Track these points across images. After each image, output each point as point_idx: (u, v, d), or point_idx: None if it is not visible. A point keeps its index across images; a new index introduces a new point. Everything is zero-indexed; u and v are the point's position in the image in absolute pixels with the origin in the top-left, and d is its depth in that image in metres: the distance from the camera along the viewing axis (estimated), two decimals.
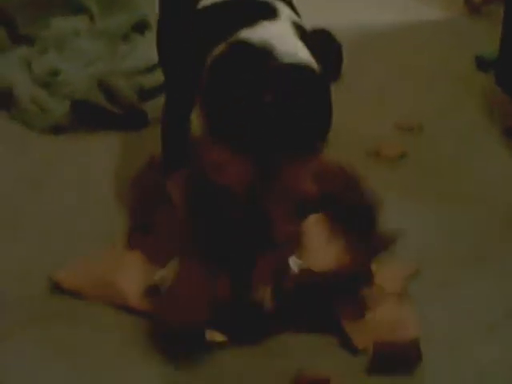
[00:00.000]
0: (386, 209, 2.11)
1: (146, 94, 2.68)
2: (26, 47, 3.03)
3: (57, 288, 1.81)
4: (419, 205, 2.15)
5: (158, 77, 2.65)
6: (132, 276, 1.80)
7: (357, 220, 1.80)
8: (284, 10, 1.71)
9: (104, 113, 2.60)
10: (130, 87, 2.65)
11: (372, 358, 1.60)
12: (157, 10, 3.04)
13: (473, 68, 3.05)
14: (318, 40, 2.91)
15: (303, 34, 1.69)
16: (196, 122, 1.64)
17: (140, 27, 3.09)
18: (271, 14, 1.67)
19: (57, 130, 2.58)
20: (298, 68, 1.60)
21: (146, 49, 2.83)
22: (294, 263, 1.83)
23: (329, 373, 1.58)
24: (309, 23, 2.89)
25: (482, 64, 3.03)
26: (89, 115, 2.61)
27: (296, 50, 1.61)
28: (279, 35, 1.62)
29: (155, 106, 2.59)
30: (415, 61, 3.17)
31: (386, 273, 1.80)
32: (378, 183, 2.22)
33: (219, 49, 1.61)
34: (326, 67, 2.45)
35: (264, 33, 1.61)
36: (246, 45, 1.59)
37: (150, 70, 2.75)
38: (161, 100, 2.55)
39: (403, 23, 3.62)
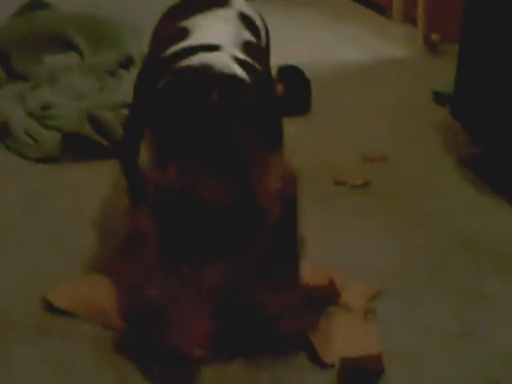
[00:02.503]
0: (351, 232, 2.14)
1: None
2: (21, 83, 3.04)
3: (49, 308, 1.80)
4: (382, 228, 2.16)
5: None
6: (116, 299, 1.79)
7: None
8: (227, 48, 1.76)
9: (92, 144, 2.61)
10: (116, 119, 2.64)
11: (339, 372, 1.59)
12: (141, 48, 3.08)
13: (431, 102, 3.09)
14: (288, 75, 2.96)
15: (243, 64, 1.73)
16: (144, 152, 1.66)
17: (125, 63, 3.10)
18: (212, 49, 1.73)
19: (49, 159, 2.59)
20: (234, 77, 1.65)
21: (131, 83, 2.85)
22: None
23: None
24: (282, 60, 2.93)
25: (439, 98, 3.07)
26: (78, 146, 2.61)
27: (230, 66, 1.67)
28: (215, 58, 1.68)
29: None
30: (379, 96, 3.20)
31: (351, 293, 1.80)
32: (345, 208, 2.26)
33: (162, 81, 1.67)
34: (294, 100, 2.46)
35: (201, 58, 1.68)
36: (184, 68, 1.66)
37: None
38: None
39: (368, 61, 3.66)
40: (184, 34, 1.86)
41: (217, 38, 1.83)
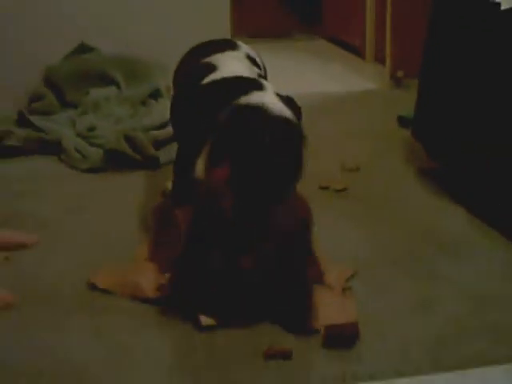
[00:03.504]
0: (333, 227, 2.13)
1: (158, 144, 2.69)
2: (71, 110, 3.04)
3: (93, 287, 1.80)
4: (358, 225, 2.16)
5: (167, 131, 2.67)
6: (149, 278, 1.79)
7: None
8: (268, 86, 1.73)
9: (128, 158, 2.62)
10: (147, 139, 2.66)
11: (324, 336, 1.60)
12: (167, 82, 3.07)
13: (396, 125, 3.08)
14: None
15: (282, 99, 1.70)
16: (201, 166, 1.62)
17: (155, 95, 3.11)
18: (260, 87, 1.70)
19: (94, 170, 2.60)
20: (287, 119, 1.63)
21: (159, 111, 2.87)
22: None
23: (292, 346, 1.58)
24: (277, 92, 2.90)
25: (402, 122, 3.06)
26: (117, 160, 2.62)
27: (283, 109, 1.64)
28: (269, 100, 1.64)
29: (166, 153, 2.63)
30: (354, 120, 3.20)
31: (333, 274, 1.80)
32: (328, 209, 2.25)
33: (227, 109, 1.62)
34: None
35: (258, 98, 1.63)
36: (247, 105, 1.61)
37: (161, 126, 2.76)
38: (170, 148, 2.58)
39: (346, 93, 3.66)
40: (213, 67, 1.85)
41: (241, 71, 1.82)
